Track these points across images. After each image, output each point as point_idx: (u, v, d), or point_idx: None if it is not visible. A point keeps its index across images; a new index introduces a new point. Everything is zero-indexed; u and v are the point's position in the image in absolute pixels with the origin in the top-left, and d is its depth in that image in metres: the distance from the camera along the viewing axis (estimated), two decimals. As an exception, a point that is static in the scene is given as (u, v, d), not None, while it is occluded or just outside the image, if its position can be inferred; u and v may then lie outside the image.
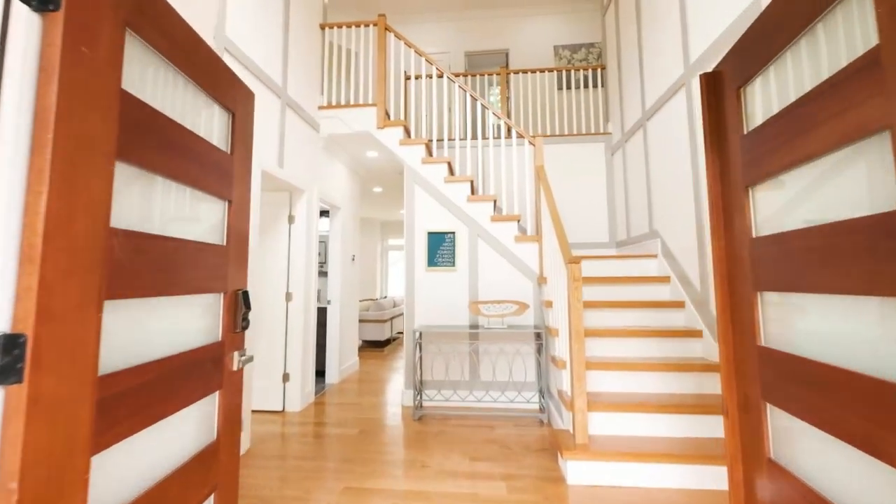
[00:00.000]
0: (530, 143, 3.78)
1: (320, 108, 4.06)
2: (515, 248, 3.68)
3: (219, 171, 1.43)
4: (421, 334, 3.40)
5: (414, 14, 6.59)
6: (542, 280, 3.50)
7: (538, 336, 3.45)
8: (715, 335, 2.78)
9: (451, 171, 4.09)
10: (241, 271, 1.58)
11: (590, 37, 6.28)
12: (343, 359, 4.69)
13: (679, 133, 3.24)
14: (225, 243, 1.47)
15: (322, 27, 4.16)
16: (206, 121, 1.38)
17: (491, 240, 3.70)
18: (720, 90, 1.61)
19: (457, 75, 5.10)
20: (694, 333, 2.88)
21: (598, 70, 5.18)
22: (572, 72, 5.04)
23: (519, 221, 3.87)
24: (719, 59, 2.79)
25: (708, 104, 1.64)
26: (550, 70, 5.03)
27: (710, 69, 2.82)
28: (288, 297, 3.62)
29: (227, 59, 2.66)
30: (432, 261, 3.74)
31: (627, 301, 3.19)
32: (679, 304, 3.13)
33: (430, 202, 3.81)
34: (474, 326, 3.55)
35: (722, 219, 1.56)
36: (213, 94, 1.41)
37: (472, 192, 3.94)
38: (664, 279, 3.37)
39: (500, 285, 3.65)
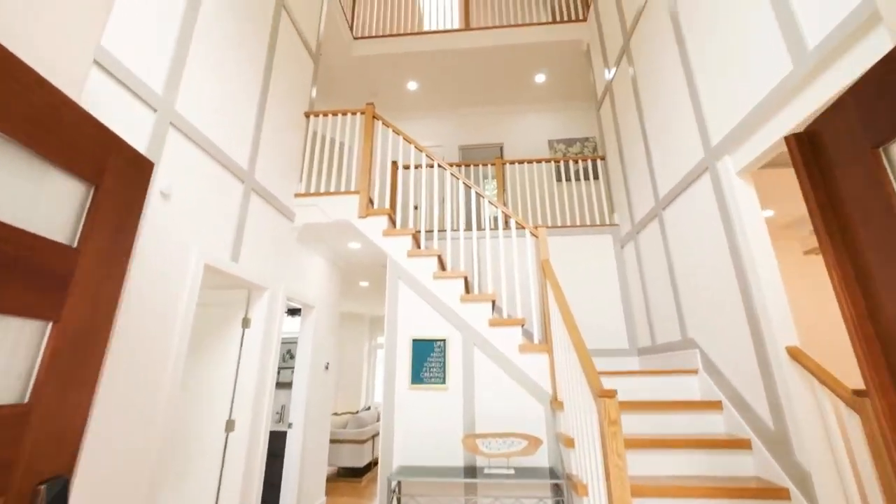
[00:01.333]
0: (532, 234, 3.29)
1: (297, 195, 3.64)
2: (520, 360, 2.97)
3: (28, 272, 0.82)
4: (399, 485, 2.53)
5: (408, 111, 6.65)
6: (556, 404, 2.73)
7: (557, 489, 2.58)
8: (810, 493, 1.96)
9: (443, 266, 3.54)
10: (65, 447, 0.90)
11: (584, 132, 6.25)
12: (305, 500, 3.66)
13: (708, 222, 2.75)
14: (28, 399, 0.81)
15: (307, 115, 3.93)
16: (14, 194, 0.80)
17: (490, 349, 3.01)
18: (825, 156, 1.08)
19: (450, 165, 4.84)
20: (776, 493, 2.06)
21: (597, 161, 4.95)
22: (570, 163, 4.80)
23: (523, 326, 3.21)
24: (751, 139, 2.42)
25: (810, 180, 1.10)
26: (547, 161, 4.79)
27: (739, 151, 2.43)
28: (229, 426, 2.79)
29: (174, 135, 2.24)
30: (417, 376, 2.99)
31: (671, 438, 2.40)
32: (743, 444, 2.34)
33: (417, 302, 3.19)
34: (471, 469, 2.68)
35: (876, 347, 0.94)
36: (42, 151, 0.86)
37: (467, 290, 3.35)
38: (714, 405, 2.62)
39: (503, 410, 2.86)
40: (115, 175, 1.08)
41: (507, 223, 4.56)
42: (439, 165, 3.61)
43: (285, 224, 3.49)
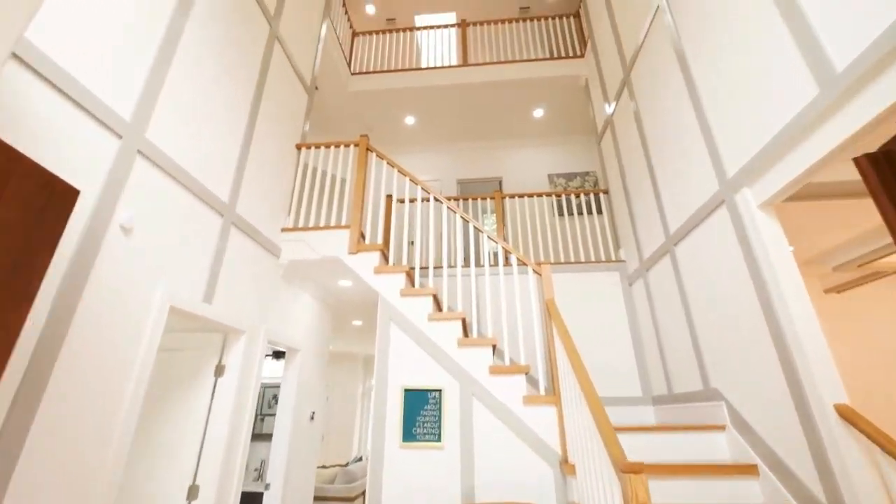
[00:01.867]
0: (535, 271, 3.04)
1: (284, 230, 3.42)
2: (525, 414, 2.64)
3: None
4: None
5: (405, 145, 6.58)
6: (567, 468, 2.38)
7: (571, 569, 2.20)
8: None
9: (439, 306, 3.27)
10: None
11: (584, 166, 6.15)
12: (280, 575, 3.20)
13: (728, 260, 2.52)
14: None
15: (299, 147, 3.78)
16: None
17: (491, 401, 2.69)
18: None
19: (448, 199, 4.67)
20: (838, 585, 1.71)
21: (599, 195, 4.78)
22: (572, 197, 4.63)
23: (528, 374, 2.91)
24: (772, 170, 2.22)
25: (893, 201, 0.88)
26: (548, 195, 4.62)
27: (760, 183, 2.23)
28: (192, 492, 2.43)
29: (142, 164, 2.04)
30: (409, 432, 2.65)
31: (704, 510, 2.06)
32: (789, 520, 2.00)
33: (410, 347, 2.90)
34: (469, 546, 2.30)
35: None
36: None
37: (465, 332, 3.07)
38: (748, 469, 2.28)
39: (506, 473, 2.51)
40: (16, 202, 0.85)
41: (507, 259, 4.32)
42: (435, 199, 3.42)
43: (269, 261, 3.25)
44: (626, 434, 2.64)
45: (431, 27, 5.78)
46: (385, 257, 3.40)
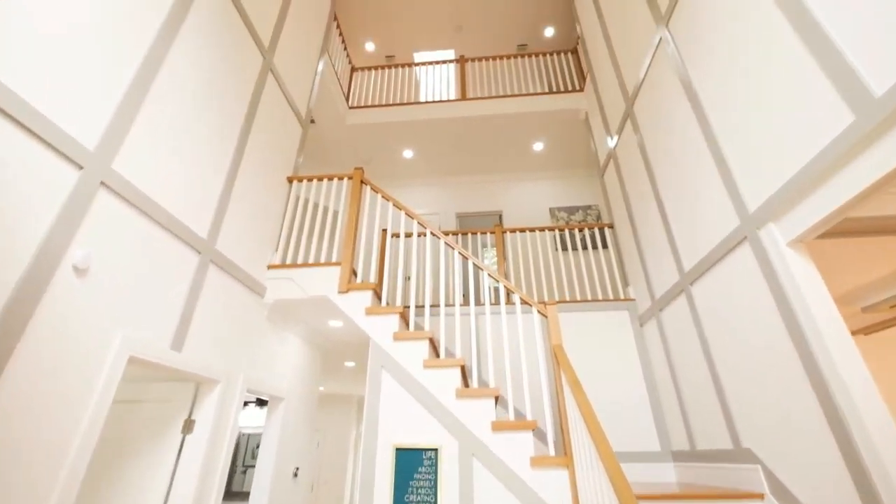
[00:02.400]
0: (541, 313, 2.79)
1: (270, 266, 3.20)
2: (533, 478, 2.32)
3: None
4: None
5: (403, 178, 6.48)
6: (584, 546, 2.05)
7: None
8: None
9: (436, 351, 3.00)
10: None
11: (586, 199, 6.01)
12: None
13: (755, 301, 2.28)
14: None
15: (290, 180, 3.62)
16: None
17: (494, 462, 2.37)
18: None
19: (446, 233, 4.48)
20: None
21: (604, 229, 4.60)
22: (575, 231, 4.44)
23: (535, 430, 2.60)
24: (802, 204, 2.02)
25: None
26: (550, 229, 4.43)
27: (788, 219, 2.02)
28: (144, 577, 2.08)
29: (105, 197, 1.84)
30: (401, 500, 2.32)
31: None
32: None
33: (403, 399, 2.60)
34: None
35: None
36: None
37: (465, 381, 2.78)
38: (797, 549, 1.95)
39: (513, 551, 2.16)
40: None
41: (509, 298, 4.07)
42: (432, 233, 3.21)
43: (253, 301, 3.00)
44: (649, 503, 2.30)
45: (430, 63, 5.79)
46: (378, 296, 3.15)
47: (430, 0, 6.05)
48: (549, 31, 6.46)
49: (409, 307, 3.71)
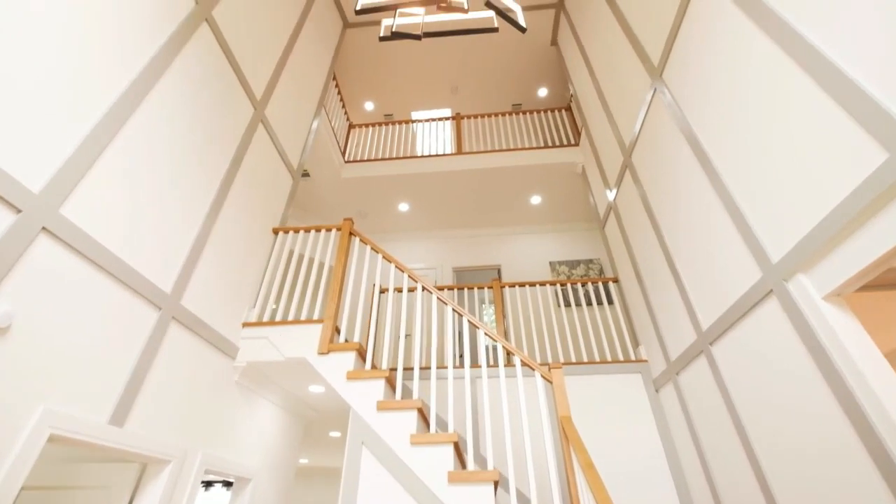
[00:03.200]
0: (545, 378, 2.47)
1: (245, 325, 2.91)
2: (542, 589, 1.87)
3: None
4: None
5: (399, 232, 6.34)
6: None
7: None
8: None
9: (425, 420, 2.63)
10: None
11: (587, 253, 5.82)
12: None
13: (791, 362, 1.98)
14: None
15: (276, 231, 3.43)
16: None
17: (494, 567, 1.93)
18: None
19: (440, 288, 4.23)
20: None
21: (608, 283, 4.35)
22: (578, 286, 4.18)
23: (542, 523, 2.18)
24: (837, 252, 1.79)
25: None
26: (552, 283, 4.19)
27: (822, 269, 1.79)
28: None
29: (46, 244, 1.61)
30: None
31: None
32: None
33: (386, 482, 2.20)
34: None
35: None
36: None
37: (460, 459, 2.39)
38: None
39: None
40: None
41: (509, 359, 3.72)
42: (424, 288, 2.97)
43: (221, 363, 2.68)
44: None
45: (426, 120, 5.88)
46: (362, 357, 2.83)
47: (427, 64, 6.27)
48: (543, 92, 6.65)
49: (395, 370, 3.36)
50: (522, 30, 2.94)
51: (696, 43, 2.55)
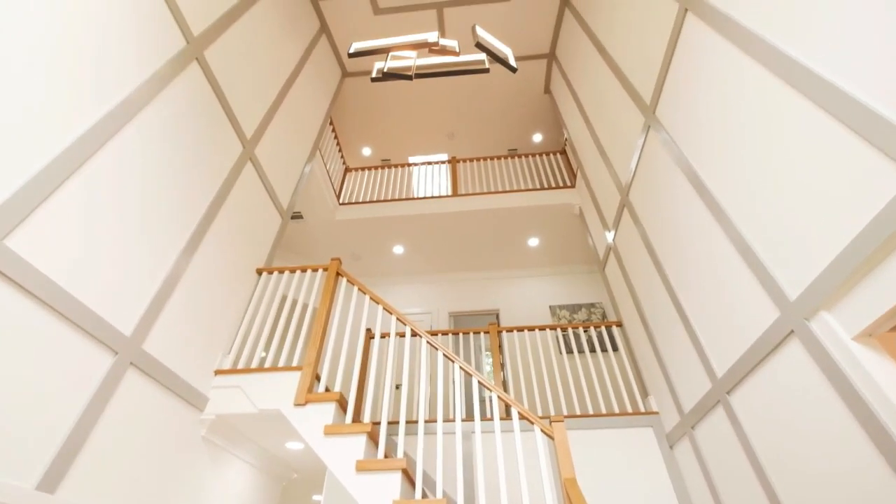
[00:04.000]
0: (545, 432, 2.20)
1: (218, 372, 2.67)
2: None
3: None
4: None
5: (393, 276, 6.18)
6: None
7: None
8: None
9: (411, 482, 2.33)
10: None
11: (589, 297, 5.61)
12: None
13: (822, 411, 1.74)
14: None
15: (259, 272, 3.27)
16: None
17: None
18: None
19: (434, 334, 3.99)
20: None
21: (612, 328, 4.11)
22: (580, 331, 3.95)
23: None
24: (865, 286, 1.60)
25: None
26: (552, 327, 3.96)
27: (849, 305, 1.61)
28: None
29: (-19, 282, 1.45)
30: None
31: None
32: None
33: (361, 561, 1.88)
34: None
35: None
36: None
37: (448, 530, 2.07)
38: None
39: None
40: None
41: (508, 412, 3.42)
42: (413, 332, 2.76)
43: (187, 416, 2.42)
44: None
45: (422, 163, 5.90)
46: (343, 407, 2.57)
47: (423, 111, 6.40)
48: (538, 137, 6.75)
49: (379, 423, 3.05)
50: (513, 69, 2.95)
51: (688, 78, 2.52)
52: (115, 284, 1.97)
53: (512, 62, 3.06)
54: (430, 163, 5.88)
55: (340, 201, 5.47)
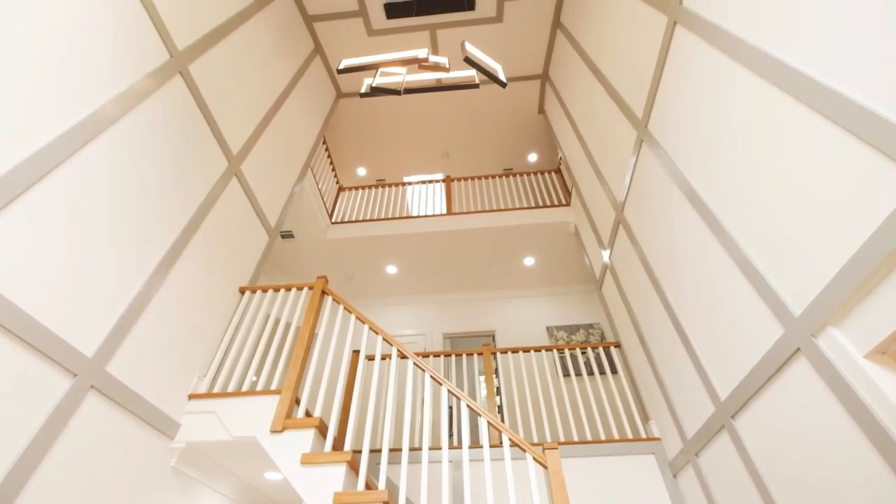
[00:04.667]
0: (538, 461, 2.04)
1: (193, 396, 2.52)
2: None
3: None
4: None
5: (387, 297, 6.04)
6: None
7: None
8: None
9: (395, 519, 2.15)
10: None
11: (587, 317, 5.47)
12: None
13: (834, 434, 1.60)
14: None
15: (242, 290, 3.16)
16: None
17: None
18: None
19: (426, 355, 3.84)
20: None
21: (610, 349, 3.96)
22: (577, 352, 3.79)
23: None
24: (875, 298, 1.50)
25: None
26: (548, 349, 3.81)
27: (859, 320, 1.50)
28: None
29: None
30: None
31: None
32: None
33: None
34: None
35: None
36: None
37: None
38: None
39: None
40: None
41: (500, 439, 3.24)
42: (400, 353, 2.62)
43: (155, 444, 2.26)
44: None
45: (415, 183, 5.87)
46: (323, 434, 2.40)
47: (419, 132, 6.42)
48: (533, 157, 6.75)
49: (360, 452, 2.86)
50: (503, 84, 2.92)
51: (678, 90, 2.48)
52: (75, 301, 1.85)
53: (502, 77, 3.04)
54: (424, 182, 5.85)
55: (333, 220, 5.40)
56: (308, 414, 2.82)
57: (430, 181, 5.85)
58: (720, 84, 2.10)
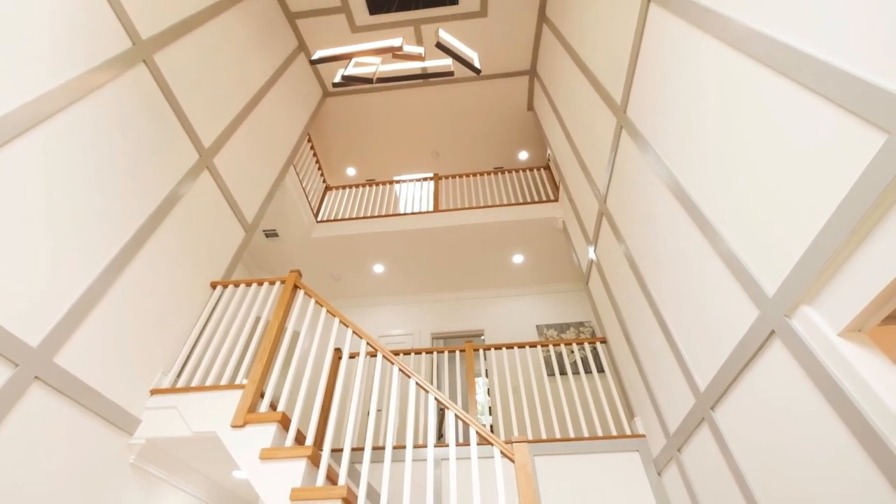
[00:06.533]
0: (506, 455, 1.94)
1: (155, 391, 2.44)
2: None
3: None
4: None
5: (374, 297, 5.96)
6: None
7: None
8: None
9: (357, 517, 2.05)
10: None
11: (577, 315, 5.37)
12: None
13: (813, 423, 1.50)
14: None
15: (214, 285, 3.08)
16: None
17: None
18: None
19: (406, 352, 3.75)
20: None
21: (596, 345, 3.86)
22: (563, 350, 3.68)
23: None
24: (848, 273, 1.38)
25: None
26: (532, 345, 3.70)
27: (832, 297, 1.40)
28: None
29: None
30: None
31: None
32: None
33: None
34: None
35: None
36: None
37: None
38: None
39: None
40: None
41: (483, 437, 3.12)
42: (370, 347, 2.54)
43: (112, 441, 2.17)
44: None
45: (404, 181, 5.81)
46: (285, 428, 2.31)
47: (409, 131, 6.37)
48: (524, 155, 6.68)
49: (321, 450, 2.75)
50: (477, 71, 2.88)
51: (654, 70, 2.41)
52: (17, 292, 1.78)
53: (476, 64, 2.98)
54: (412, 180, 5.78)
55: (318, 219, 5.34)
56: (273, 408, 2.73)
57: (418, 179, 5.78)
58: (691, 56, 2.03)
